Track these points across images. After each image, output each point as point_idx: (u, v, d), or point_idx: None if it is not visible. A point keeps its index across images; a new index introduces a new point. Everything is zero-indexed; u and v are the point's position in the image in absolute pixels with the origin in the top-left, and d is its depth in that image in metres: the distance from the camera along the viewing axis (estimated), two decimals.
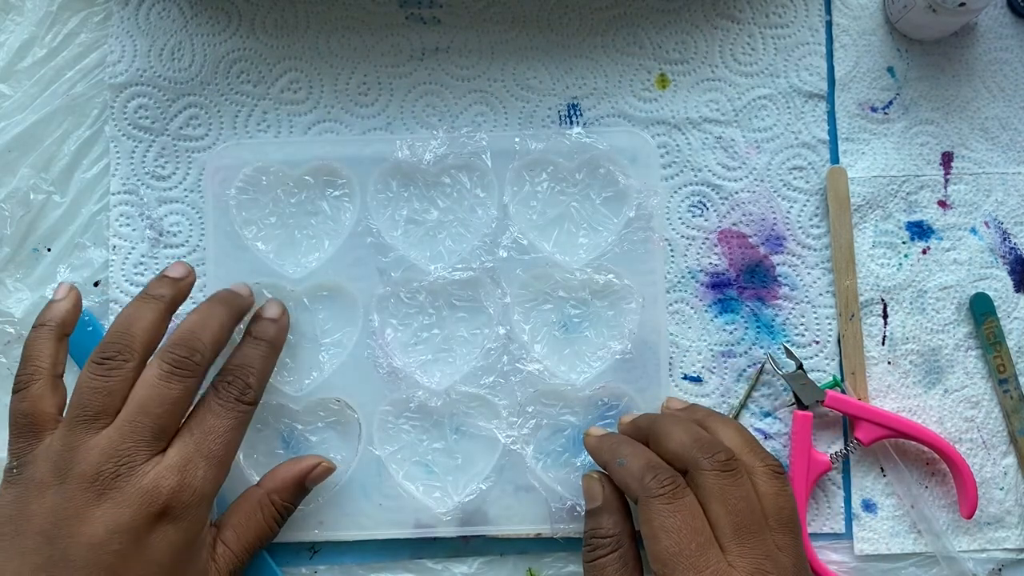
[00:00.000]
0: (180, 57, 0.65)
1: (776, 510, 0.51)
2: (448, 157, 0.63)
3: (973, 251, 0.64)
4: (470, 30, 0.66)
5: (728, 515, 0.49)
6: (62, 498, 0.50)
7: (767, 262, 0.64)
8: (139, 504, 0.50)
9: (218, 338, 0.56)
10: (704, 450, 0.51)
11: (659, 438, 0.54)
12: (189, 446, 0.52)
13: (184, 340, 0.54)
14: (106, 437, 0.51)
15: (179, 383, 0.53)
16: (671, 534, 0.48)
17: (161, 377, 0.52)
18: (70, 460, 0.50)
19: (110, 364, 0.53)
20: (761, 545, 0.49)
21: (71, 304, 0.57)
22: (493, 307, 0.62)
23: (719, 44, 0.66)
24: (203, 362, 0.54)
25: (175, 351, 0.53)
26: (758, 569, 0.48)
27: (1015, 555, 0.62)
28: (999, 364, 0.63)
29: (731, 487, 0.50)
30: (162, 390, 0.52)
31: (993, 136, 0.65)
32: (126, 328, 0.54)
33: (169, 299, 0.56)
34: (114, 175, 0.64)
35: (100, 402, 0.52)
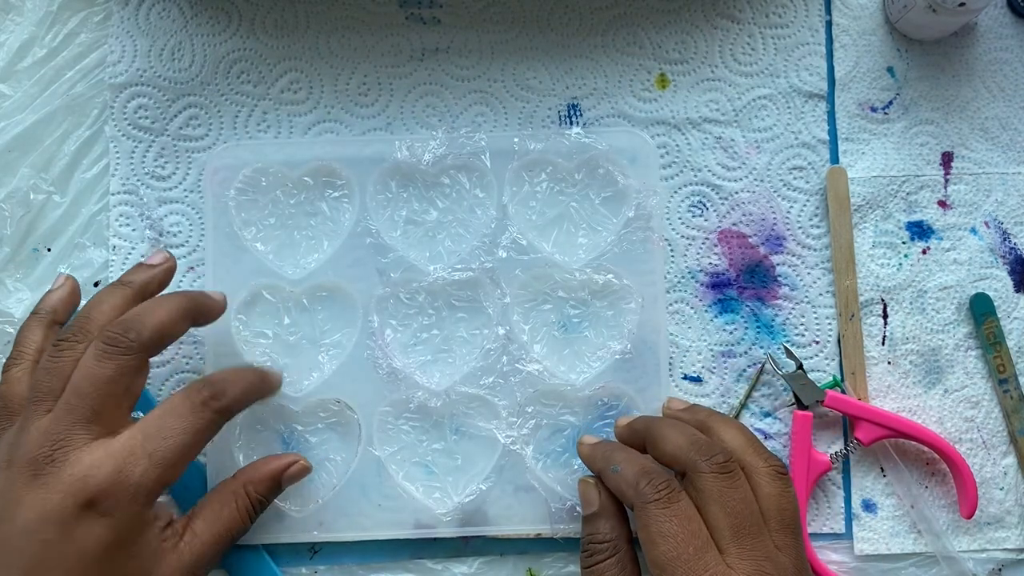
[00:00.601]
0: (180, 57, 0.65)
1: (777, 511, 0.50)
2: (447, 157, 0.63)
3: (973, 251, 0.64)
4: (470, 30, 0.66)
5: (726, 517, 0.49)
6: (6, 481, 0.49)
7: (767, 262, 0.64)
8: (66, 491, 0.48)
9: (163, 324, 0.53)
10: (701, 452, 0.51)
11: (656, 441, 0.54)
12: (135, 439, 0.50)
13: (123, 320, 0.52)
14: (47, 419, 0.50)
15: (110, 361, 0.51)
16: (668, 539, 0.48)
17: (94, 357, 0.51)
18: (17, 443, 0.50)
19: (63, 346, 0.52)
20: (760, 546, 0.49)
21: (66, 293, 0.57)
22: (492, 307, 0.62)
23: (719, 44, 0.65)
24: (139, 341, 0.51)
25: (112, 329, 0.52)
26: (758, 570, 0.48)
27: (1015, 555, 0.62)
28: (999, 364, 0.63)
29: (729, 489, 0.50)
30: (94, 369, 0.50)
31: (993, 136, 0.65)
32: (87, 311, 0.54)
33: (138, 285, 0.56)
34: (114, 175, 0.65)
35: (48, 384, 0.51)
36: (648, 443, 0.54)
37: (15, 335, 0.56)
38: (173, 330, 0.54)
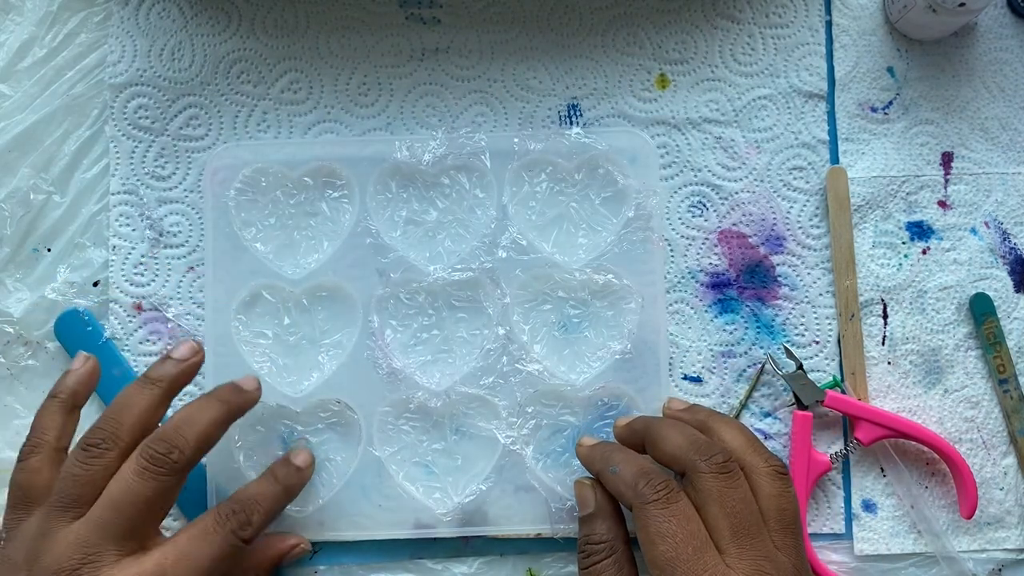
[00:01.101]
0: (180, 57, 0.65)
1: (777, 511, 0.50)
2: (447, 158, 0.63)
3: (973, 251, 0.64)
4: (470, 30, 0.66)
5: (726, 517, 0.49)
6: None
7: (767, 262, 0.64)
8: None
9: (206, 436, 0.53)
10: (700, 452, 0.51)
11: (655, 441, 0.54)
12: (166, 561, 0.49)
13: (166, 435, 0.51)
14: (75, 531, 0.49)
15: (153, 481, 0.50)
16: (667, 539, 0.48)
17: (136, 473, 0.50)
18: (40, 548, 0.49)
19: (93, 452, 0.51)
20: (760, 546, 0.49)
21: (85, 374, 0.55)
22: (492, 308, 0.62)
23: (719, 44, 0.65)
24: (182, 460, 0.51)
25: (154, 446, 0.51)
26: (757, 570, 0.48)
27: (1015, 555, 0.62)
28: (999, 364, 0.63)
29: (728, 489, 0.50)
30: (134, 487, 0.49)
31: (993, 136, 0.65)
32: (116, 414, 0.52)
33: (168, 384, 0.54)
34: (114, 175, 0.65)
35: (77, 491, 0.50)
36: (647, 443, 0.54)
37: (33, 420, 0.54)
38: (213, 441, 0.54)
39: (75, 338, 0.63)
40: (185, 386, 0.56)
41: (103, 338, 0.63)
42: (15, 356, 0.64)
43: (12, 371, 0.64)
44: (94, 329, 0.63)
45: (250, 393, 0.57)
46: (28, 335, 0.64)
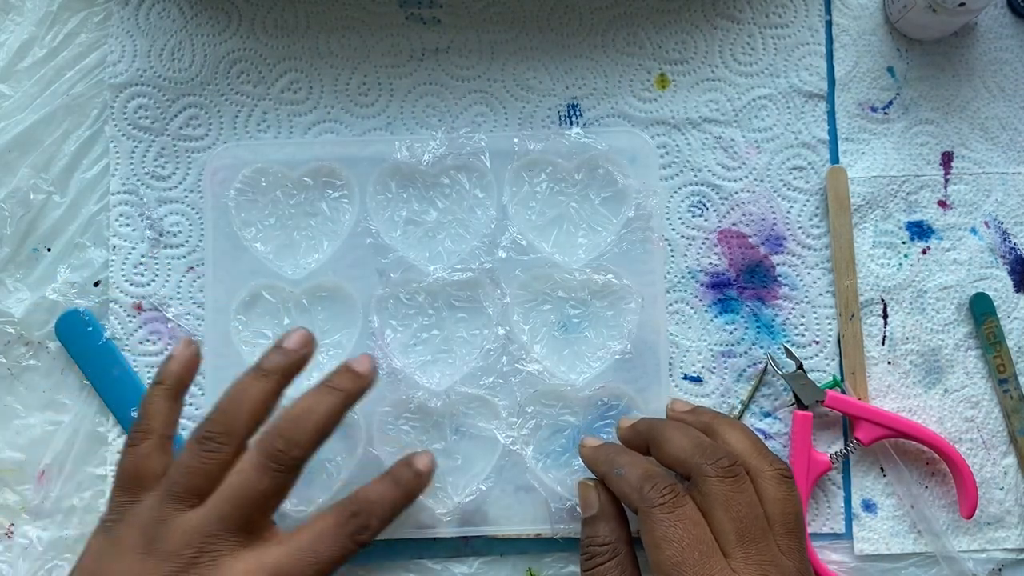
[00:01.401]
0: (180, 57, 0.65)
1: (782, 515, 0.50)
2: (447, 158, 0.63)
3: (973, 251, 0.64)
4: (470, 30, 0.66)
5: (731, 521, 0.49)
6: (141, 569, 0.48)
7: (767, 262, 0.64)
8: None
9: (323, 430, 0.52)
10: (706, 456, 0.51)
11: (659, 444, 0.53)
12: (285, 558, 0.49)
13: (285, 431, 0.51)
14: (194, 519, 0.49)
15: (272, 477, 0.50)
16: (673, 543, 0.48)
17: (255, 468, 0.50)
18: (157, 534, 0.49)
19: (209, 446, 0.51)
20: (766, 551, 0.49)
21: (187, 358, 0.55)
22: (492, 308, 0.62)
23: (719, 44, 0.65)
24: (300, 457, 0.51)
25: (274, 443, 0.50)
26: (763, 575, 0.48)
27: (1015, 555, 0.62)
28: (999, 364, 0.63)
29: (734, 493, 0.50)
30: (254, 482, 0.50)
31: (993, 136, 0.65)
32: (231, 406, 0.52)
33: (280, 374, 0.53)
34: (114, 175, 0.65)
35: (194, 483, 0.50)
36: (651, 445, 0.54)
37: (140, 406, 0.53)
38: (330, 432, 0.53)
39: (76, 338, 0.63)
40: (298, 374, 0.54)
41: (103, 338, 0.63)
42: (16, 356, 0.64)
43: (13, 371, 0.64)
44: (94, 329, 0.63)
45: (365, 377, 0.55)
46: (29, 335, 0.64)
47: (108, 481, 0.62)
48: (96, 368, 0.63)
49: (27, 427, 0.63)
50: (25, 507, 0.63)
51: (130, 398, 0.62)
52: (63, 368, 0.64)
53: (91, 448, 0.63)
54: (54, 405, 0.64)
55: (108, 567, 0.49)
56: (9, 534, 0.62)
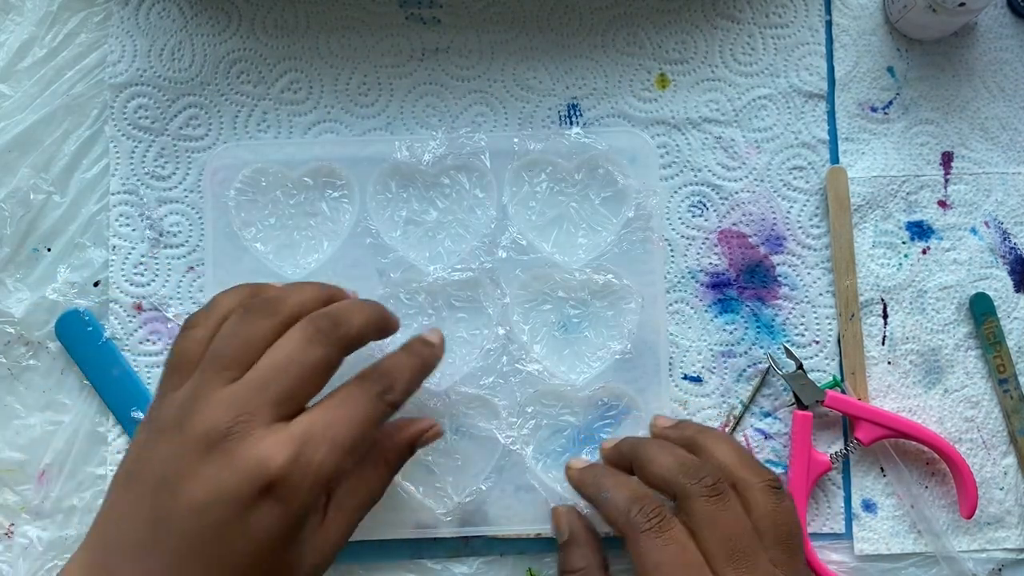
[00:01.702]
0: (180, 57, 0.65)
1: (773, 527, 0.50)
2: (447, 158, 0.63)
3: (973, 251, 0.64)
4: (470, 30, 0.66)
5: (719, 540, 0.48)
6: (175, 448, 0.46)
7: (767, 262, 0.64)
8: (245, 471, 0.45)
9: (367, 326, 0.51)
10: (690, 475, 0.50)
11: (642, 464, 0.53)
12: (317, 424, 0.47)
13: (332, 313, 0.50)
14: (231, 391, 0.47)
15: (320, 349, 0.48)
16: (662, 568, 0.48)
17: (305, 339, 0.48)
18: (191, 409, 0.47)
19: (255, 314, 0.50)
20: (756, 567, 0.48)
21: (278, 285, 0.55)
22: (492, 308, 0.62)
23: (719, 44, 0.65)
24: (347, 338, 0.50)
25: (323, 319, 0.49)
26: None
27: (1015, 555, 0.62)
28: (999, 364, 0.63)
29: (720, 512, 0.49)
30: (301, 353, 0.48)
31: (993, 136, 0.65)
32: (280, 292, 0.52)
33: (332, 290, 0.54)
34: (114, 175, 0.65)
35: (235, 350, 0.48)
36: (635, 466, 0.54)
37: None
38: (370, 335, 0.52)
39: (76, 338, 0.63)
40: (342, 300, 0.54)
41: (103, 338, 0.63)
42: (16, 356, 0.64)
43: (13, 371, 0.64)
44: (94, 329, 0.63)
45: (392, 323, 0.55)
46: (29, 335, 0.64)
47: (108, 481, 0.62)
48: (96, 368, 0.63)
49: (27, 427, 0.63)
50: (25, 507, 0.63)
51: (130, 398, 0.63)
52: (63, 368, 0.64)
53: (91, 448, 0.63)
54: (54, 405, 0.64)
55: (148, 454, 0.47)
56: (9, 534, 0.62)
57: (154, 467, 0.46)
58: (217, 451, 0.45)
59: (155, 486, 0.46)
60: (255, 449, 0.45)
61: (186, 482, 0.45)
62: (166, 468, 0.46)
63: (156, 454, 0.47)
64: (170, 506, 0.45)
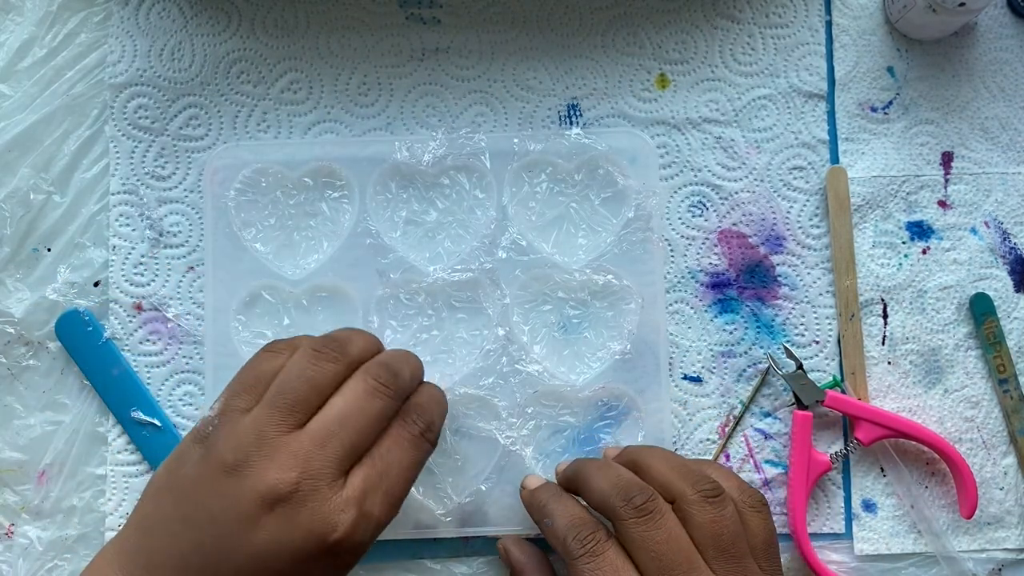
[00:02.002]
0: (180, 57, 0.65)
1: (713, 538, 0.48)
2: (447, 158, 0.63)
3: (973, 251, 0.64)
4: (470, 30, 0.66)
5: (652, 561, 0.47)
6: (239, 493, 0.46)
7: (767, 262, 0.64)
8: (311, 532, 0.45)
9: (416, 377, 0.53)
10: (620, 496, 0.49)
11: (582, 488, 0.53)
12: (372, 477, 0.48)
13: (390, 363, 0.51)
14: (298, 445, 0.47)
15: (380, 400, 0.49)
16: None
17: (366, 392, 0.49)
18: (257, 455, 0.46)
19: (325, 355, 0.50)
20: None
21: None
22: (492, 308, 0.62)
23: (719, 44, 0.65)
24: (404, 389, 0.51)
25: (381, 371, 0.50)
26: None
27: (1015, 555, 0.62)
28: (999, 364, 0.63)
29: (650, 532, 0.48)
30: (363, 402, 0.48)
31: (993, 136, 0.65)
32: (346, 336, 0.52)
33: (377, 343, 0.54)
34: (114, 175, 0.65)
35: (302, 392, 0.48)
36: (579, 490, 0.53)
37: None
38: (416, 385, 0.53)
39: (76, 338, 0.63)
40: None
41: (103, 338, 0.63)
42: (16, 356, 0.64)
43: (13, 371, 0.64)
44: (94, 329, 0.63)
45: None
46: (29, 335, 0.64)
47: (108, 481, 0.62)
48: (96, 368, 0.63)
49: (27, 427, 0.63)
50: (25, 507, 0.63)
51: (130, 398, 0.63)
52: (63, 368, 0.64)
53: (91, 448, 0.63)
54: (54, 405, 0.64)
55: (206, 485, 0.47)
56: (9, 534, 0.62)
57: (213, 501, 0.46)
58: (283, 507, 0.46)
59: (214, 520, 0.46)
60: (320, 512, 0.46)
61: (249, 531, 0.46)
62: (228, 508, 0.46)
63: (217, 488, 0.47)
64: (230, 550, 0.46)
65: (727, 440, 0.63)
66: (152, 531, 0.48)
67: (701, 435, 0.63)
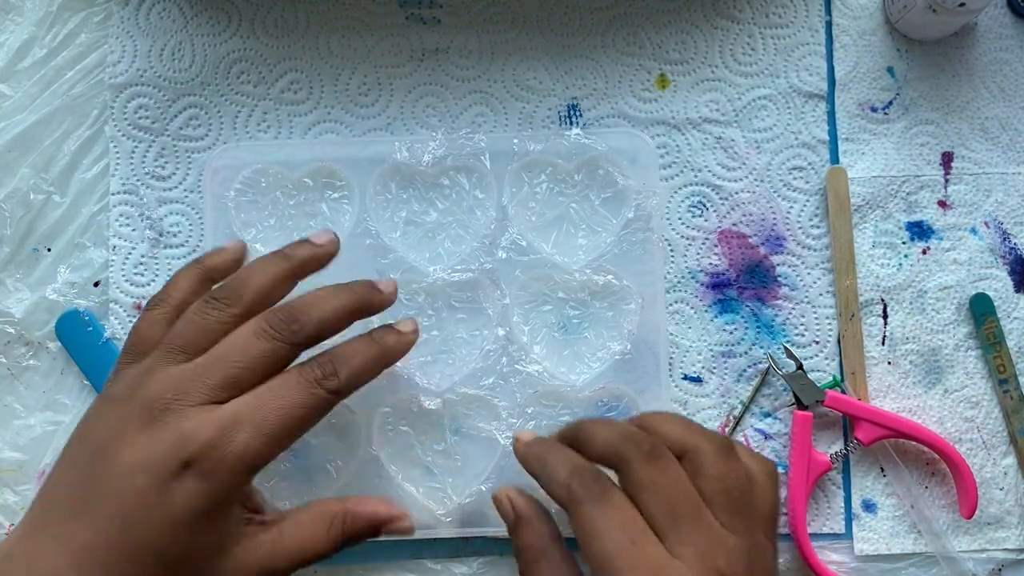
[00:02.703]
0: (180, 57, 0.65)
1: (723, 492, 0.48)
2: (447, 158, 0.63)
3: (973, 251, 0.64)
4: (470, 30, 0.66)
5: (658, 504, 0.47)
6: (120, 416, 0.49)
7: (767, 262, 0.64)
8: (170, 444, 0.47)
9: (326, 322, 0.52)
10: (628, 444, 0.49)
11: (586, 440, 0.52)
12: (243, 407, 0.48)
13: (291, 308, 0.51)
14: (179, 370, 0.49)
15: (267, 342, 0.50)
16: (601, 535, 0.47)
17: (253, 332, 0.50)
18: (142, 383, 0.49)
19: (214, 304, 0.51)
20: (702, 530, 0.47)
21: (230, 258, 0.57)
22: (492, 308, 0.62)
23: (719, 44, 0.65)
24: (301, 334, 0.51)
25: (277, 313, 0.51)
26: (701, 554, 0.46)
27: (1015, 555, 0.62)
28: (999, 364, 0.63)
29: (658, 476, 0.48)
30: (247, 342, 0.50)
31: (993, 136, 0.65)
32: (244, 277, 0.53)
33: (299, 262, 0.55)
34: (114, 175, 0.65)
35: (190, 336, 0.51)
36: (580, 445, 0.52)
37: (170, 279, 0.55)
38: (334, 328, 0.53)
39: (76, 338, 0.63)
40: (314, 271, 0.56)
41: (103, 338, 0.63)
42: (16, 356, 0.64)
43: (13, 371, 0.64)
44: (94, 329, 0.63)
45: (385, 295, 0.56)
46: (29, 335, 0.64)
47: None
48: (96, 368, 0.63)
49: (27, 427, 0.63)
50: (25, 507, 0.62)
51: None
52: (63, 368, 0.64)
53: None
54: (54, 405, 0.64)
55: (95, 423, 0.50)
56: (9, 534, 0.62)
57: (98, 434, 0.49)
58: (153, 423, 0.48)
59: (95, 451, 0.48)
60: (184, 424, 0.47)
61: (122, 447, 0.48)
62: (108, 435, 0.49)
63: (102, 422, 0.50)
64: (103, 470, 0.48)
65: None
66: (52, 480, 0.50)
67: None
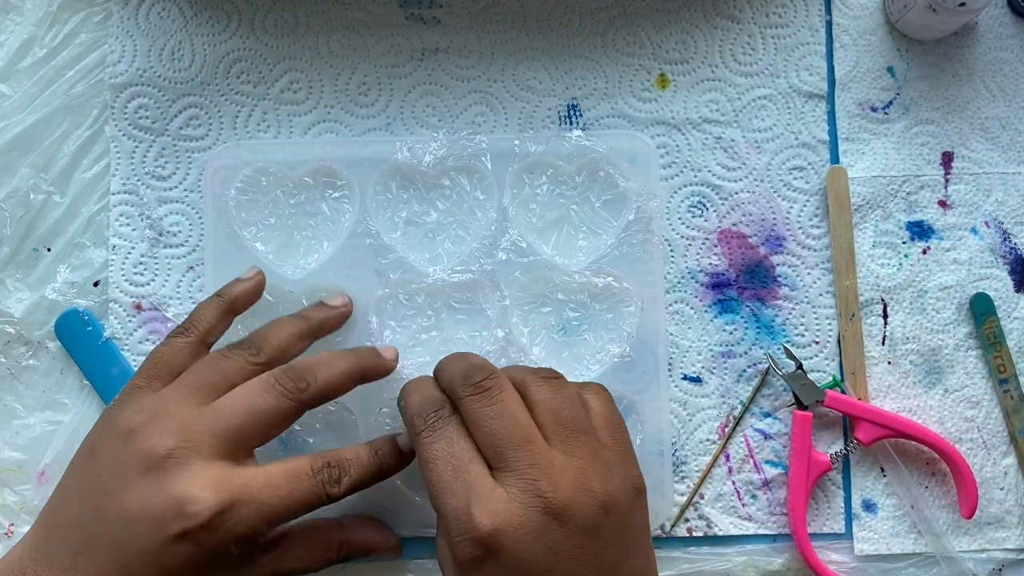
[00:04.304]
0: (180, 57, 0.65)
1: (553, 416, 0.49)
2: (448, 159, 0.63)
3: (973, 251, 0.64)
4: (470, 30, 0.66)
5: (486, 436, 0.48)
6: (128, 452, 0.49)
7: (767, 262, 0.64)
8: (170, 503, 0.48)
9: (333, 384, 0.54)
10: (461, 377, 0.50)
11: (436, 375, 0.53)
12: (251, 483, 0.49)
13: (301, 367, 0.53)
14: (189, 415, 0.50)
15: (275, 399, 0.51)
16: (434, 464, 0.48)
17: (263, 387, 0.52)
18: (153, 419, 0.50)
19: (234, 352, 0.54)
20: (530, 456, 0.47)
21: (251, 287, 0.59)
22: (492, 309, 0.62)
23: (719, 44, 0.65)
24: (307, 394, 0.53)
25: (288, 373, 0.53)
26: (525, 479, 0.47)
27: (1015, 555, 0.62)
28: (999, 364, 0.63)
29: (485, 407, 0.49)
30: (257, 397, 0.51)
31: (993, 136, 0.65)
32: (265, 331, 0.56)
33: (317, 323, 0.58)
34: (114, 175, 0.65)
35: (210, 377, 0.52)
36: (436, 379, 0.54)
37: (194, 310, 0.57)
38: (339, 390, 0.55)
39: (76, 338, 0.63)
40: (328, 333, 0.60)
41: (103, 338, 0.63)
42: (16, 356, 0.64)
43: (12, 371, 0.64)
44: (94, 329, 0.63)
45: (387, 362, 0.58)
46: (29, 335, 0.64)
47: None
48: (96, 368, 0.63)
49: (27, 427, 0.63)
50: (25, 507, 0.63)
51: None
52: (63, 368, 0.64)
53: None
54: (54, 405, 0.64)
55: (102, 449, 0.51)
56: (9, 534, 0.62)
57: (105, 462, 0.50)
58: (157, 470, 0.48)
59: (101, 484, 0.49)
60: (188, 483, 0.48)
61: (125, 489, 0.48)
62: (114, 468, 0.49)
63: (111, 448, 0.50)
64: (107, 510, 0.48)
65: (727, 440, 0.63)
66: (58, 496, 0.51)
67: (701, 435, 0.63)
